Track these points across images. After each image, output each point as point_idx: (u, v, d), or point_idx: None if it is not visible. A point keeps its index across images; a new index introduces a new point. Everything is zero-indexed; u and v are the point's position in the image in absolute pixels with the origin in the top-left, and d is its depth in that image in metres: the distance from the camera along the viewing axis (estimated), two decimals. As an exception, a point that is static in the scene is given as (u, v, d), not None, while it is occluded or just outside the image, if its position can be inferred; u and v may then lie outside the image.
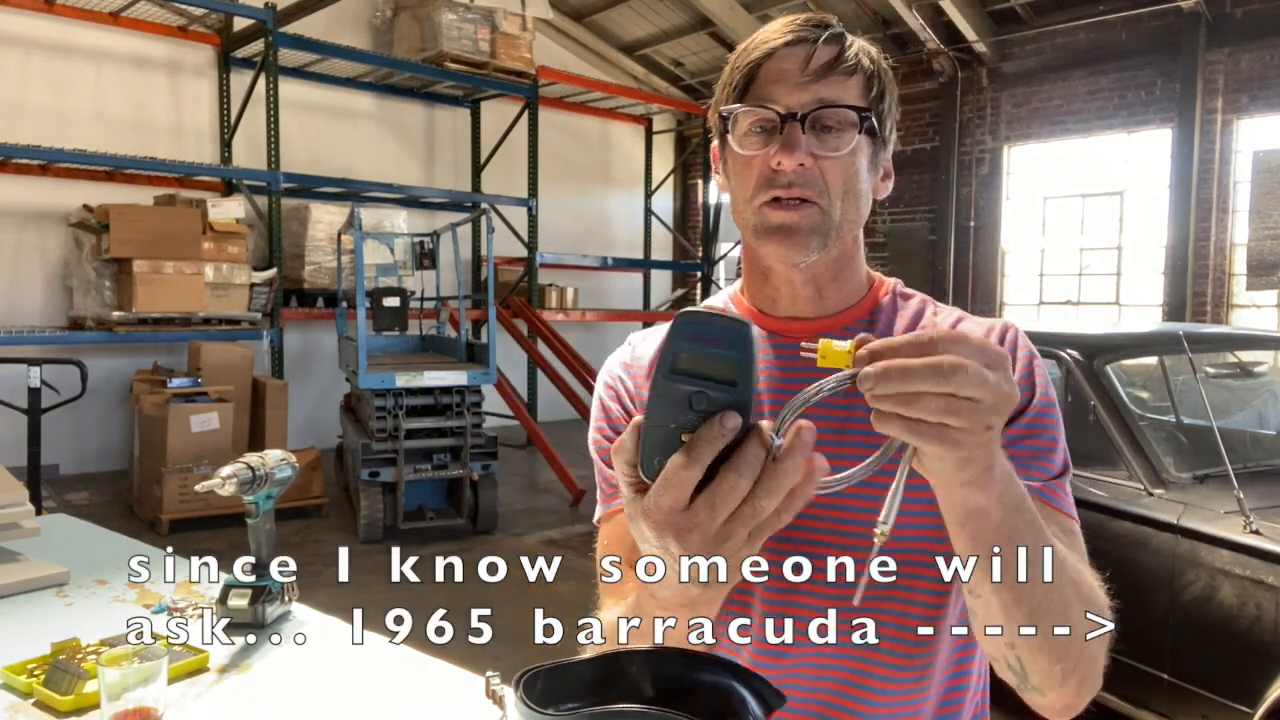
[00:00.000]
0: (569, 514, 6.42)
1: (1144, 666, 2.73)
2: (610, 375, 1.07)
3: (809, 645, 0.92)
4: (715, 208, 11.33)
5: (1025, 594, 0.73)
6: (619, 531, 1.00)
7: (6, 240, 7.35)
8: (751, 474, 0.59)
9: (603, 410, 1.06)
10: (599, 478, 1.06)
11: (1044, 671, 0.78)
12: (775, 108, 0.90)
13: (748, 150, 0.92)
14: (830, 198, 0.91)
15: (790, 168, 0.88)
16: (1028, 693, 0.81)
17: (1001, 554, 0.71)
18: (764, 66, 0.91)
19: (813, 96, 0.90)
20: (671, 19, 10.31)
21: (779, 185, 0.90)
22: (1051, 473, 0.90)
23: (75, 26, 7.58)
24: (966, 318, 1.00)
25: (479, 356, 6.21)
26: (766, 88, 0.91)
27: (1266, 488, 2.81)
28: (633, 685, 0.64)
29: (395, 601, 0.89)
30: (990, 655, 0.82)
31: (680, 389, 0.58)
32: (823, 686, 0.94)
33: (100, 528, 2.03)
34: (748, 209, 0.93)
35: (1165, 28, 7.77)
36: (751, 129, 0.92)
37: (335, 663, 1.30)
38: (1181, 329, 3.45)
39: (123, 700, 1.01)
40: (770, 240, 0.92)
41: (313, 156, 8.59)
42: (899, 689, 0.92)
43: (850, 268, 1.00)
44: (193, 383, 6.15)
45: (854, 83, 0.92)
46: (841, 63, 0.91)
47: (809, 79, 0.90)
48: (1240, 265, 7.60)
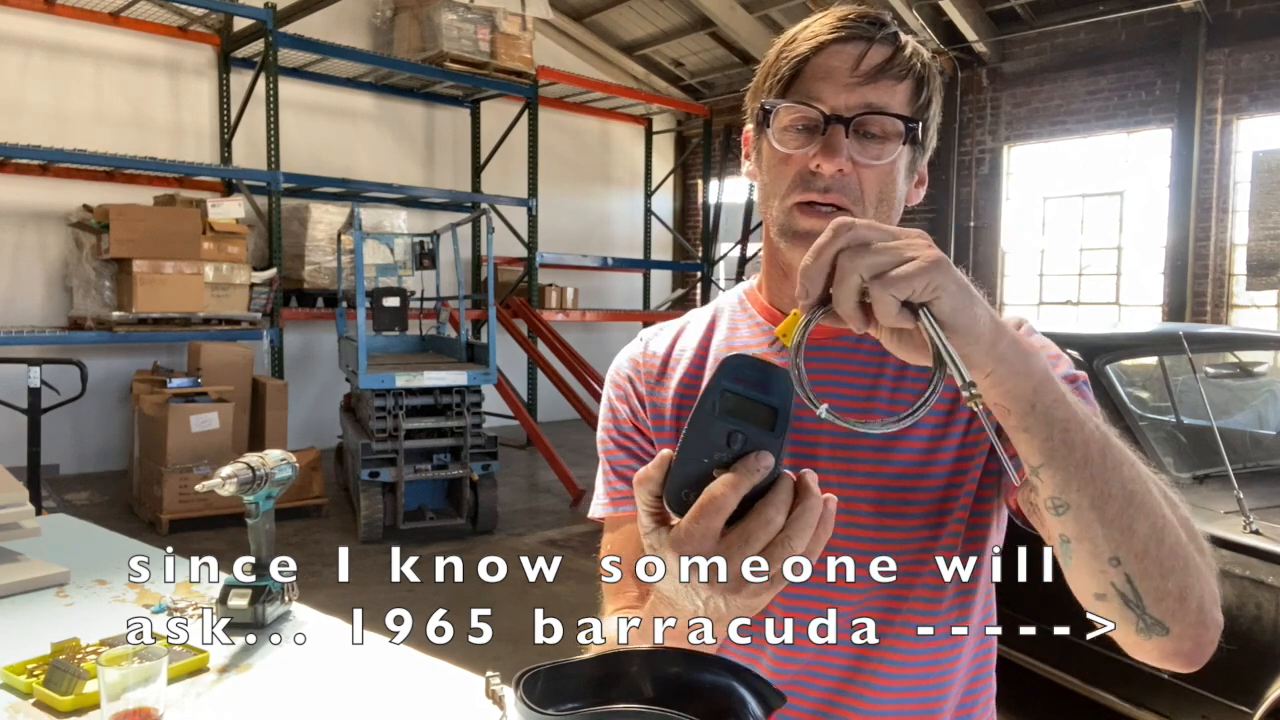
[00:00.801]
0: (569, 514, 6.42)
1: (1144, 666, 2.73)
2: (619, 375, 1.06)
3: (811, 645, 0.92)
4: (715, 208, 11.33)
5: (1113, 482, 0.69)
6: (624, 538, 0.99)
7: (6, 240, 7.35)
8: (783, 511, 0.59)
9: (611, 412, 1.04)
10: (604, 477, 1.04)
11: (1159, 591, 0.70)
12: (820, 107, 0.87)
13: (786, 148, 0.89)
14: (864, 205, 0.88)
15: (829, 172, 0.86)
16: (1148, 636, 0.72)
17: (1078, 437, 0.68)
18: (812, 61, 0.88)
19: (860, 100, 0.86)
20: (671, 19, 10.32)
21: (814, 188, 0.87)
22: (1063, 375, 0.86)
23: (75, 26, 7.58)
24: None
25: (479, 356, 6.21)
26: (813, 84, 0.88)
27: (1266, 488, 2.81)
28: (633, 685, 0.64)
29: (395, 601, 0.89)
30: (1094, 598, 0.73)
31: (720, 426, 0.59)
32: (825, 685, 0.94)
33: (100, 528, 2.03)
34: (778, 206, 0.91)
35: (1165, 28, 7.77)
36: (793, 125, 0.89)
37: (335, 663, 1.30)
38: (1181, 329, 3.45)
39: (123, 700, 1.01)
40: (798, 245, 0.89)
41: (313, 156, 8.59)
42: (900, 688, 0.92)
43: None
44: (193, 383, 6.14)
45: (903, 88, 0.89)
46: (894, 66, 0.88)
47: (858, 80, 0.87)
48: (1240, 265, 7.60)
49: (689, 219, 12.29)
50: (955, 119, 9.10)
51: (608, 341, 11.22)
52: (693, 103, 11.24)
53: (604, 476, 1.04)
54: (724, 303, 1.08)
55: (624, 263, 10.93)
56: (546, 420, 8.96)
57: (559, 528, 6.05)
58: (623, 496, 1.01)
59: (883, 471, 0.91)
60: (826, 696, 0.94)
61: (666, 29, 10.51)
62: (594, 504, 1.05)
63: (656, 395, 1.03)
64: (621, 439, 1.03)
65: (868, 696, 0.92)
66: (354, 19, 9.00)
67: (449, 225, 7.05)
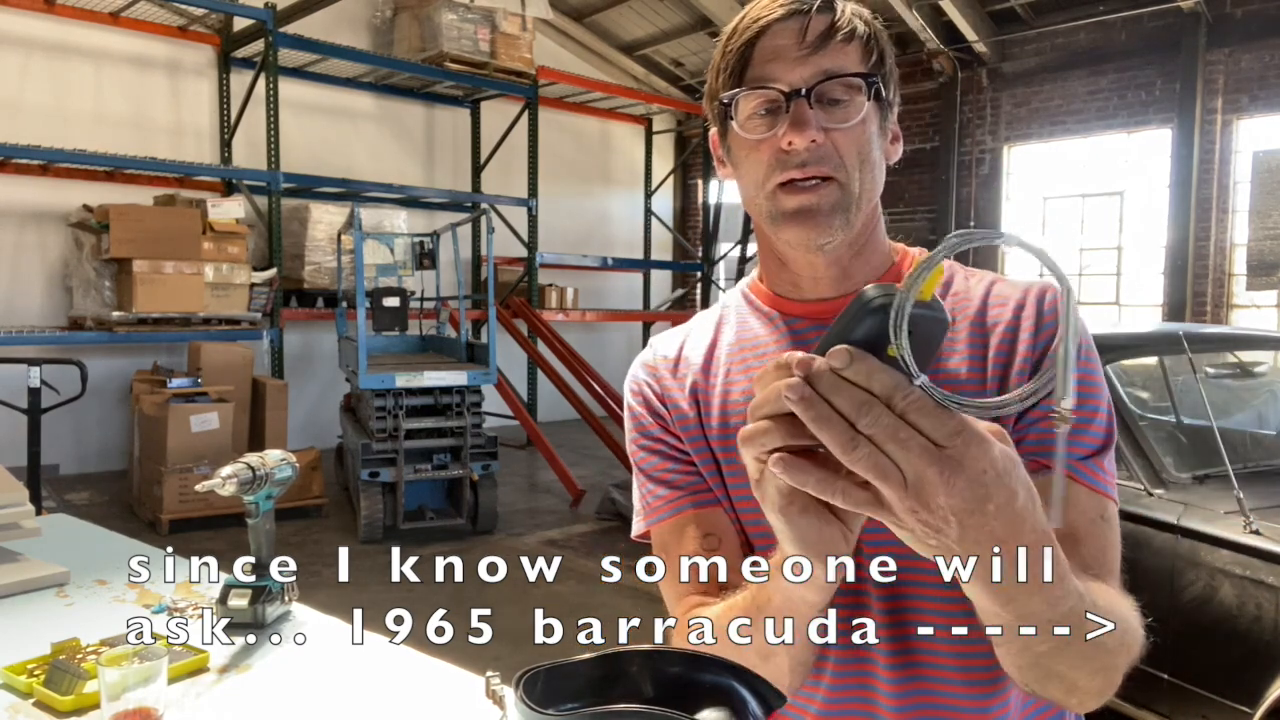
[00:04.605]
0: (569, 514, 6.42)
1: (1144, 666, 2.71)
2: (635, 381, 1.04)
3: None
4: (715, 208, 11.32)
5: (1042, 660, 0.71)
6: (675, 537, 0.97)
7: (6, 240, 7.35)
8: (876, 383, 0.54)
9: (634, 420, 1.03)
10: (639, 490, 1.02)
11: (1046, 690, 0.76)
12: (778, 86, 0.86)
13: (754, 135, 0.88)
14: (848, 170, 0.87)
15: (803, 145, 0.85)
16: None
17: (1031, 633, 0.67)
18: (758, 45, 0.88)
19: (814, 69, 0.86)
20: (671, 19, 10.32)
21: (792, 166, 0.86)
22: (1091, 446, 0.86)
23: (75, 26, 7.58)
24: (1001, 280, 0.95)
25: (479, 356, 6.20)
26: (764, 67, 0.87)
27: (1266, 488, 2.80)
28: (633, 685, 0.64)
29: (395, 601, 0.89)
30: None
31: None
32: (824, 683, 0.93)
33: (100, 528, 2.03)
34: (760, 195, 0.89)
35: (1165, 28, 7.77)
36: (755, 111, 0.88)
37: (335, 663, 1.30)
38: (1181, 329, 3.45)
39: (123, 700, 1.01)
40: (789, 225, 0.88)
41: (313, 156, 8.59)
42: (901, 689, 0.91)
43: (873, 240, 0.95)
44: (193, 383, 6.14)
45: (853, 48, 0.88)
46: (838, 30, 0.87)
47: (807, 51, 0.86)
48: (1240, 265, 7.60)
49: (689, 219, 12.29)
50: (955, 119, 9.10)
51: (608, 341, 11.22)
52: (693, 103, 11.23)
53: (639, 490, 1.02)
54: (729, 300, 1.07)
55: (624, 263, 10.93)
56: (546, 420, 8.96)
57: (559, 528, 6.05)
58: (664, 503, 0.98)
59: None
60: (827, 695, 0.94)
61: (666, 29, 10.51)
62: (635, 522, 1.02)
63: (673, 394, 1.01)
64: (650, 443, 1.01)
65: (868, 698, 0.92)
66: (354, 19, 9.00)
67: (449, 225, 7.05)
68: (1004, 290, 0.93)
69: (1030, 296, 0.91)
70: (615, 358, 11.20)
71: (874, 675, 0.91)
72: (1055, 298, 0.89)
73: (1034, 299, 0.90)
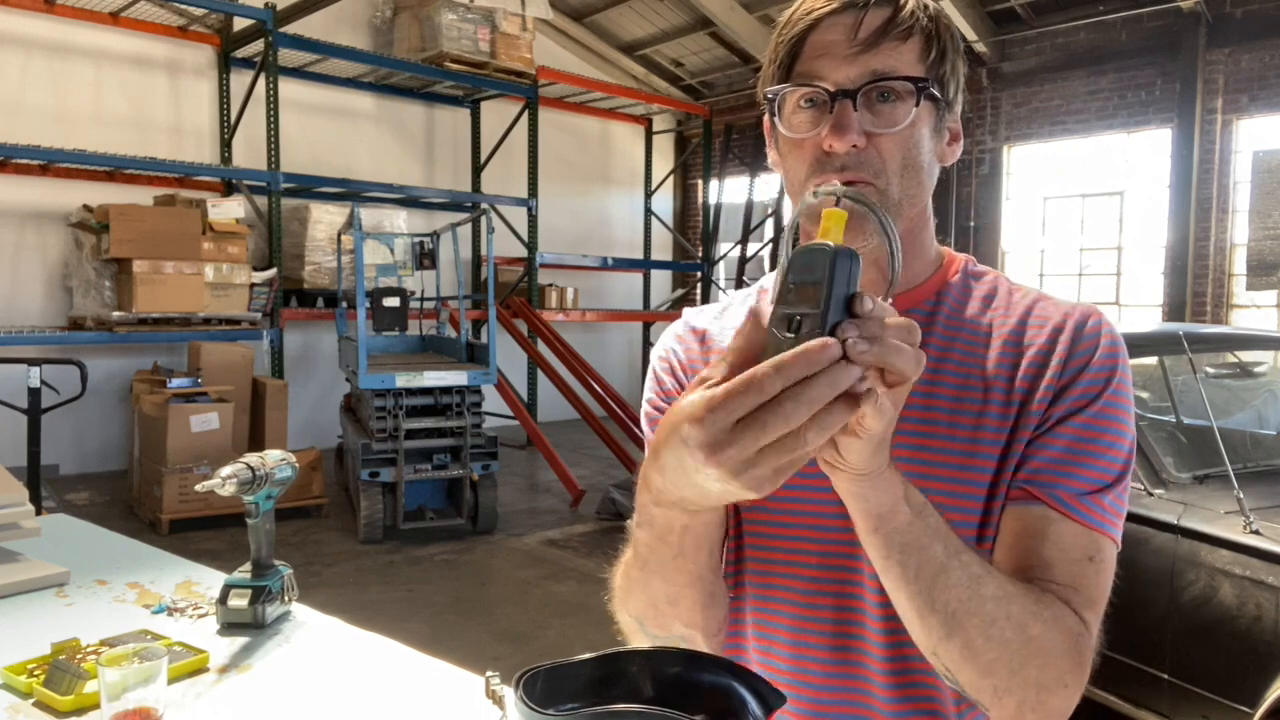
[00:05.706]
0: (569, 514, 6.42)
1: (1144, 666, 2.73)
2: (664, 349, 1.05)
3: (809, 641, 0.92)
4: (715, 208, 11.33)
5: (938, 601, 0.72)
6: None
7: (6, 240, 7.35)
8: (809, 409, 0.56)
9: (656, 382, 1.03)
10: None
11: (973, 685, 0.76)
12: (823, 84, 0.83)
13: (797, 132, 0.86)
14: (887, 176, 0.84)
15: (842, 150, 0.82)
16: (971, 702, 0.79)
17: (913, 558, 0.71)
18: (809, 39, 0.85)
19: (863, 69, 0.82)
20: (671, 19, 10.32)
21: (832, 169, 0.84)
22: (1095, 481, 0.84)
23: (75, 26, 7.58)
24: (1045, 299, 0.92)
25: (479, 356, 6.21)
26: (812, 62, 0.84)
27: (1266, 488, 2.81)
28: (633, 685, 0.64)
29: (395, 601, 0.89)
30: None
31: (782, 312, 0.61)
32: (824, 683, 0.93)
33: (100, 528, 2.03)
34: (801, 192, 0.88)
35: (1165, 28, 7.78)
36: (799, 108, 0.86)
37: (335, 663, 1.30)
38: (1181, 329, 3.45)
39: (123, 700, 1.01)
40: None
41: (313, 156, 8.59)
42: (899, 685, 0.91)
43: (917, 244, 0.93)
44: (193, 383, 6.15)
45: (911, 46, 0.84)
46: (895, 26, 0.83)
47: (858, 49, 0.83)
48: (1240, 265, 7.60)
49: (689, 219, 12.29)
50: (955, 119, 9.09)
51: (608, 342, 11.22)
52: (693, 103, 11.24)
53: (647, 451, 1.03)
54: (767, 283, 1.05)
55: (624, 263, 10.93)
56: (546, 420, 8.96)
57: (559, 528, 6.04)
58: None
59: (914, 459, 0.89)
60: (826, 695, 0.93)
61: (666, 29, 10.51)
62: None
63: (696, 367, 1.01)
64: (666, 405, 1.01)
65: (868, 690, 0.92)
66: (354, 19, 9.00)
67: (449, 225, 7.05)
68: (1046, 310, 0.91)
69: (1070, 322, 0.89)
70: (615, 358, 11.21)
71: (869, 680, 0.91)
72: (1100, 323, 0.88)
73: (1073, 325, 0.89)
